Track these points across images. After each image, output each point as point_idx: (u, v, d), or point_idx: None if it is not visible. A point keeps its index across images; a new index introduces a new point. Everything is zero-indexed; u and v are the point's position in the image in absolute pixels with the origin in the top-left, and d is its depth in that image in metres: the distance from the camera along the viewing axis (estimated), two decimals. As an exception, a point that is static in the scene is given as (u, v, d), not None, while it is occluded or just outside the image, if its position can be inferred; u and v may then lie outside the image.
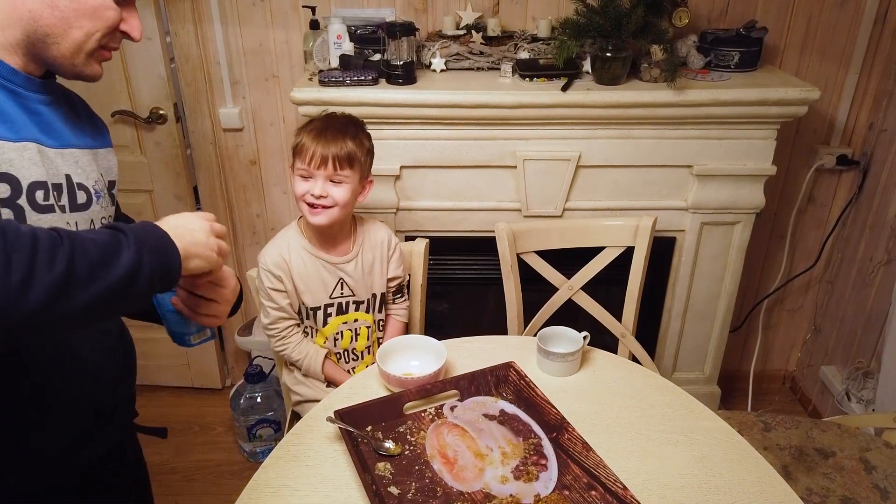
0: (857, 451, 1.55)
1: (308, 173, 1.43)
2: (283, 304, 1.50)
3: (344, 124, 1.46)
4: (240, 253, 2.38)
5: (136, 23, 0.94)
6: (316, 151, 1.41)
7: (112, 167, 1.08)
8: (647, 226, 1.72)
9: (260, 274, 1.51)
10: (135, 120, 2.10)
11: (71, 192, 0.94)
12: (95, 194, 0.99)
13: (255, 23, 2.03)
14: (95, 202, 0.99)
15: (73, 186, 0.95)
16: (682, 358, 2.24)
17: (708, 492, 1.07)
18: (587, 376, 1.37)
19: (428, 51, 1.95)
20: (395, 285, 1.62)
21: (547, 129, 1.87)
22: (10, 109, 0.88)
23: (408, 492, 1.05)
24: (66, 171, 0.94)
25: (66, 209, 0.93)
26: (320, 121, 1.47)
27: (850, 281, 2.27)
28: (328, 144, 1.41)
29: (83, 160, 0.98)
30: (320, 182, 1.42)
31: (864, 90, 2.13)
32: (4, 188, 0.84)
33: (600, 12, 1.76)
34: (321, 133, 1.42)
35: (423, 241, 1.71)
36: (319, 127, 1.44)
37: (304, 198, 1.44)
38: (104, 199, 1.02)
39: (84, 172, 0.98)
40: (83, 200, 0.96)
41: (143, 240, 0.78)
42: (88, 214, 0.97)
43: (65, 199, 0.93)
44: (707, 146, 1.90)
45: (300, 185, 1.44)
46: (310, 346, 1.55)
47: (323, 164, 1.41)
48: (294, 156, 1.46)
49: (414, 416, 1.22)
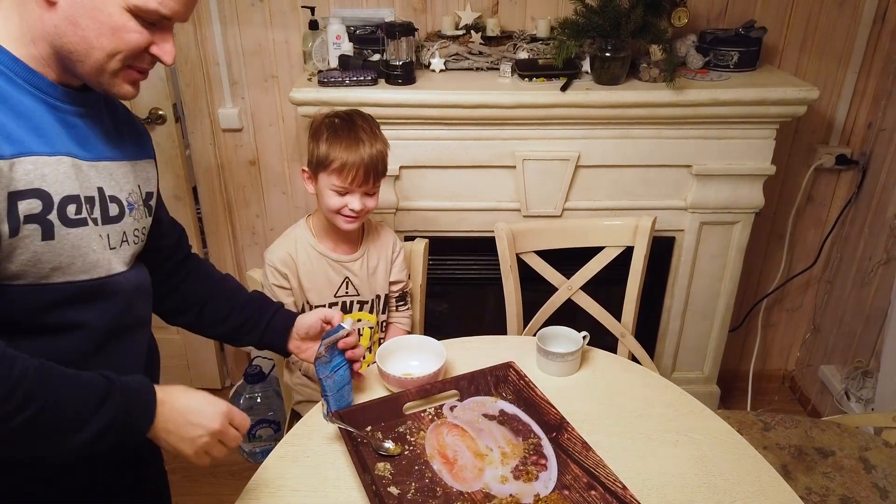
0: (856, 451, 1.55)
1: (345, 190, 1.40)
2: (287, 301, 1.49)
3: (369, 130, 1.42)
4: (238, 253, 2.38)
5: (168, 47, 0.91)
6: (354, 168, 1.37)
7: (151, 178, 1.08)
8: (646, 226, 1.72)
9: (266, 270, 1.51)
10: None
11: (103, 204, 0.95)
12: (128, 206, 1.00)
13: (254, 23, 2.03)
14: (128, 214, 1.00)
15: (106, 199, 0.95)
16: (681, 357, 2.24)
17: (707, 491, 1.07)
18: (587, 376, 1.37)
19: (427, 51, 1.95)
20: (397, 290, 1.62)
21: (546, 129, 1.87)
22: (47, 123, 0.88)
23: (407, 492, 1.05)
24: (99, 184, 0.94)
25: (98, 221, 0.94)
26: (344, 128, 1.41)
27: (849, 280, 2.27)
28: (364, 159, 1.38)
29: (118, 172, 0.99)
30: (358, 197, 1.41)
31: (863, 89, 2.14)
32: (36, 204, 0.84)
33: (599, 12, 1.76)
34: (354, 145, 1.38)
35: (423, 242, 1.71)
36: (349, 138, 1.39)
37: (341, 211, 1.42)
38: (138, 210, 1.03)
39: (118, 185, 0.98)
40: (115, 213, 0.97)
41: (125, 409, 0.86)
42: (121, 227, 0.98)
43: (97, 211, 0.94)
44: (706, 146, 1.90)
45: (334, 199, 1.41)
46: None
47: (365, 182, 1.40)
48: (319, 167, 1.41)
49: (413, 416, 1.22)
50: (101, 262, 0.94)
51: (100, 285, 0.94)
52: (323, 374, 1.16)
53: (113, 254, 0.97)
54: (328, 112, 1.47)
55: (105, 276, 0.95)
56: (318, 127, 1.43)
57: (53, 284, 0.88)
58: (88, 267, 0.92)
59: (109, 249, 0.96)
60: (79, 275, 0.91)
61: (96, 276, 0.94)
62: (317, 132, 1.42)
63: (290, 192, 2.26)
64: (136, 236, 1.02)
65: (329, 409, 1.17)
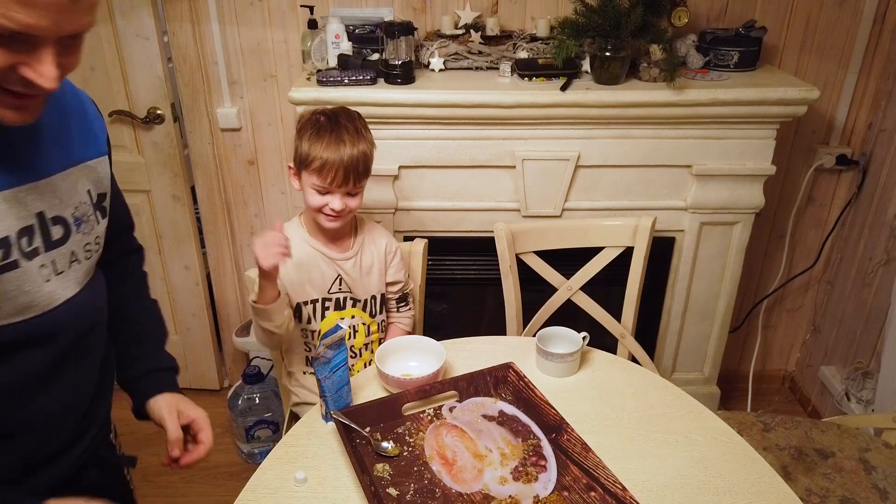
0: (856, 452, 1.55)
1: (325, 189, 1.39)
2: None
3: (353, 130, 1.40)
4: (237, 253, 2.37)
5: (45, 68, 0.71)
6: (333, 169, 1.36)
7: (104, 177, 0.98)
8: (646, 226, 1.72)
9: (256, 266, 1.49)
10: (132, 120, 2.09)
11: (44, 230, 0.86)
12: (75, 223, 0.91)
13: (252, 22, 2.03)
14: (75, 232, 0.91)
15: (47, 224, 0.87)
16: (681, 358, 2.24)
17: (707, 492, 1.07)
18: (586, 377, 1.37)
19: (426, 50, 1.95)
20: (396, 291, 1.61)
21: (546, 129, 1.87)
22: None
23: (406, 493, 1.05)
24: (39, 208, 0.85)
25: (39, 251, 0.86)
26: (327, 128, 1.39)
27: (849, 281, 2.27)
28: (344, 160, 1.36)
29: (63, 185, 0.89)
30: (338, 197, 1.40)
31: (863, 90, 2.13)
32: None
33: (599, 12, 1.76)
34: (334, 145, 1.36)
35: (422, 242, 1.71)
36: (330, 138, 1.37)
37: (322, 210, 1.41)
38: (87, 223, 0.94)
39: (62, 201, 0.89)
40: (60, 235, 0.89)
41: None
42: (67, 248, 0.90)
43: (37, 240, 0.85)
44: (706, 146, 1.90)
45: (316, 198, 1.40)
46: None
47: (345, 183, 1.38)
48: (301, 165, 1.40)
49: (413, 417, 1.22)
50: (39, 299, 0.86)
51: (36, 324, 0.87)
52: (321, 375, 1.15)
53: (59, 280, 0.89)
54: (315, 109, 1.46)
55: (42, 312, 0.87)
56: (303, 124, 1.43)
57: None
58: (20, 308, 0.84)
59: (56, 275, 0.89)
60: (8, 318, 0.83)
61: (31, 315, 0.86)
62: (302, 129, 1.42)
63: (288, 192, 2.26)
64: (87, 251, 0.95)
65: (328, 409, 1.17)
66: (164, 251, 2.30)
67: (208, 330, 2.42)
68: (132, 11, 1.95)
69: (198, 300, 2.38)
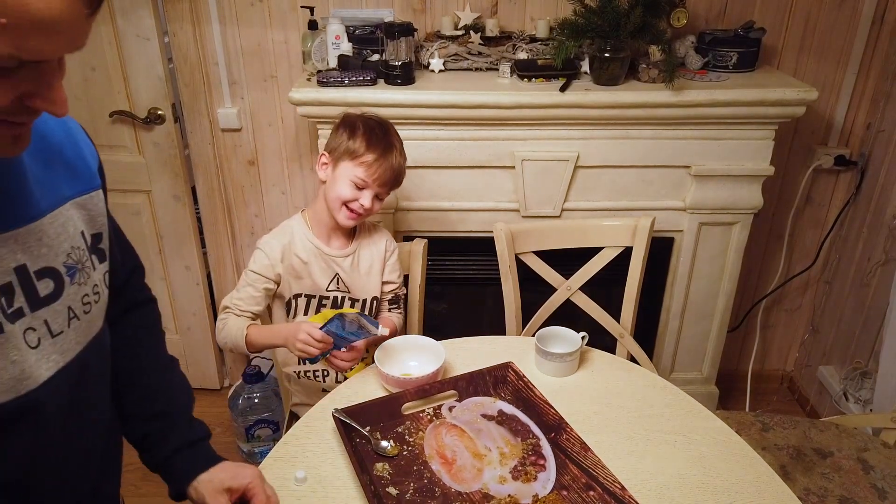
0: (854, 451, 1.55)
1: (365, 185, 1.44)
2: (259, 288, 1.47)
3: (400, 143, 1.49)
4: (237, 253, 2.37)
5: (56, 95, 0.62)
6: (382, 167, 1.43)
7: (98, 215, 0.84)
8: (645, 226, 1.72)
9: (254, 255, 1.50)
10: (133, 120, 2.09)
11: (27, 287, 0.72)
12: (69, 273, 0.77)
13: (253, 23, 2.03)
14: (70, 284, 0.77)
15: (31, 278, 0.73)
16: (680, 358, 2.24)
17: (706, 492, 1.07)
18: (585, 376, 1.37)
19: (426, 51, 1.95)
20: (389, 291, 1.61)
21: (545, 130, 1.87)
22: None
23: (406, 492, 1.05)
24: (19, 261, 0.72)
25: (23, 311, 0.72)
26: (380, 131, 1.46)
27: (848, 281, 2.27)
28: (393, 165, 1.45)
29: (50, 230, 0.75)
30: (371, 195, 1.45)
31: (861, 90, 2.14)
32: None
33: (599, 13, 1.76)
34: (386, 152, 1.44)
35: (422, 242, 1.71)
36: (385, 141, 1.45)
37: (349, 204, 1.45)
38: (83, 271, 0.80)
39: (50, 249, 0.75)
40: (49, 291, 0.75)
41: None
42: (61, 304, 0.76)
43: (19, 299, 0.71)
44: (705, 146, 1.90)
45: (349, 189, 1.44)
46: (238, 321, 1.47)
47: (384, 184, 1.45)
48: (346, 156, 1.44)
49: (412, 416, 1.22)
50: (29, 369, 0.73)
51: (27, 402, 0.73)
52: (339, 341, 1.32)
53: (53, 345, 0.76)
54: (363, 112, 1.53)
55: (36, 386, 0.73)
56: (353, 121, 1.48)
57: None
58: (9, 383, 0.71)
59: (52, 337, 0.75)
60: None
61: (23, 391, 0.72)
62: (352, 125, 1.46)
63: (289, 192, 2.26)
64: (85, 304, 0.80)
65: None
66: (165, 251, 2.30)
67: (208, 330, 2.43)
68: (133, 12, 1.95)
69: (198, 300, 2.38)
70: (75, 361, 0.79)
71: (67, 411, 0.80)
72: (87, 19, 0.59)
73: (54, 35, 0.57)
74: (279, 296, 1.52)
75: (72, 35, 0.59)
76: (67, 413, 0.80)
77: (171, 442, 0.98)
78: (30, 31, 0.55)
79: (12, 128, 0.64)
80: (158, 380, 1.02)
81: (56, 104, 0.63)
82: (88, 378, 0.84)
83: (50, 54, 0.59)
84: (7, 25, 0.53)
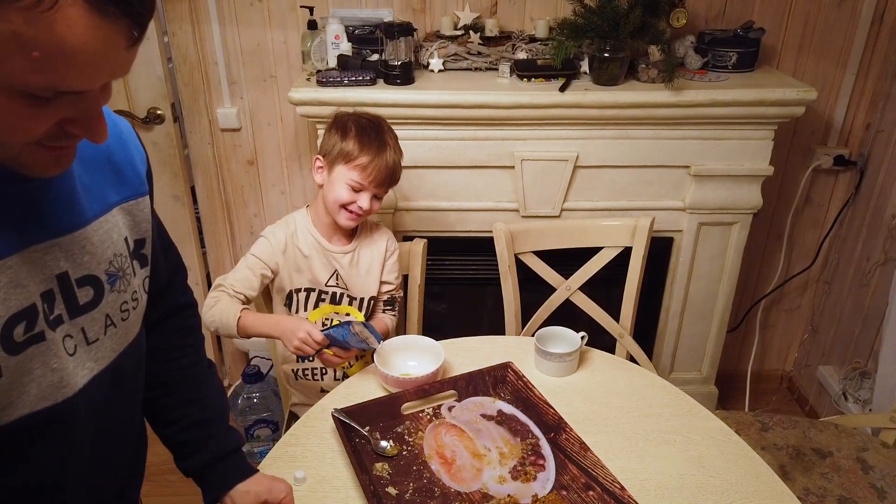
0: (854, 451, 1.56)
1: (361, 187, 1.44)
2: (257, 273, 1.46)
3: (394, 139, 1.48)
4: (237, 253, 2.37)
5: (95, 123, 0.62)
6: (377, 169, 1.42)
7: (142, 221, 0.84)
8: (644, 226, 1.72)
9: (259, 241, 1.50)
10: (132, 120, 2.09)
11: (67, 294, 0.73)
12: (109, 281, 0.78)
13: (252, 23, 2.03)
14: (109, 291, 0.78)
15: (72, 286, 0.73)
16: (679, 358, 2.24)
17: (705, 492, 1.08)
18: (585, 376, 1.37)
19: (426, 51, 1.95)
20: (385, 292, 1.61)
21: (545, 130, 1.87)
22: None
23: (405, 492, 1.05)
24: (62, 269, 0.72)
25: (62, 318, 0.72)
26: (372, 130, 1.45)
27: (847, 281, 2.27)
28: (389, 163, 1.44)
29: (95, 237, 0.76)
30: (369, 196, 1.45)
31: (861, 90, 2.14)
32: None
33: (598, 13, 1.76)
34: (380, 151, 1.43)
35: (422, 242, 1.71)
36: (378, 140, 1.44)
37: (347, 206, 1.45)
38: (124, 277, 0.80)
39: (93, 256, 0.75)
40: (88, 299, 0.75)
41: None
42: (99, 312, 0.77)
43: (59, 306, 0.72)
44: (704, 146, 1.90)
45: (346, 192, 1.43)
46: (231, 303, 1.45)
47: (380, 184, 1.45)
48: (340, 159, 1.44)
49: (412, 416, 1.22)
50: (67, 377, 0.73)
51: (63, 409, 0.74)
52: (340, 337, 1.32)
53: (89, 352, 0.76)
54: (355, 111, 1.51)
55: (73, 394, 0.74)
56: (344, 122, 1.47)
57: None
58: (48, 389, 0.71)
59: (88, 345, 0.76)
60: (34, 405, 0.71)
61: (60, 398, 0.73)
62: (344, 127, 1.45)
63: (288, 192, 2.26)
64: (124, 311, 0.81)
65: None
66: (164, 251, 2.30)
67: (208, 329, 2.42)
68: (132, 12, 1.95)
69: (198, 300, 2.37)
70: (109, 368, 0.80)
71: (99, 417, 0.80)
72: (128, 51, 0.58)
73: (90, 68, 0.56)
74: (280, 289, 1.52)
75: (111, 68, 0.58)
76: (99, 419, 0.81)
77: (210, 451, 1.00)
78: (65, 65, 0.54)
79: (53, 150, 0.64)
80: (197, 386, 1.03)
81: (93, 133, 0.62)
82: (122, 384, 0.84)
83: (87, 86, 0.58)
84: (41, 59, 0.53)
